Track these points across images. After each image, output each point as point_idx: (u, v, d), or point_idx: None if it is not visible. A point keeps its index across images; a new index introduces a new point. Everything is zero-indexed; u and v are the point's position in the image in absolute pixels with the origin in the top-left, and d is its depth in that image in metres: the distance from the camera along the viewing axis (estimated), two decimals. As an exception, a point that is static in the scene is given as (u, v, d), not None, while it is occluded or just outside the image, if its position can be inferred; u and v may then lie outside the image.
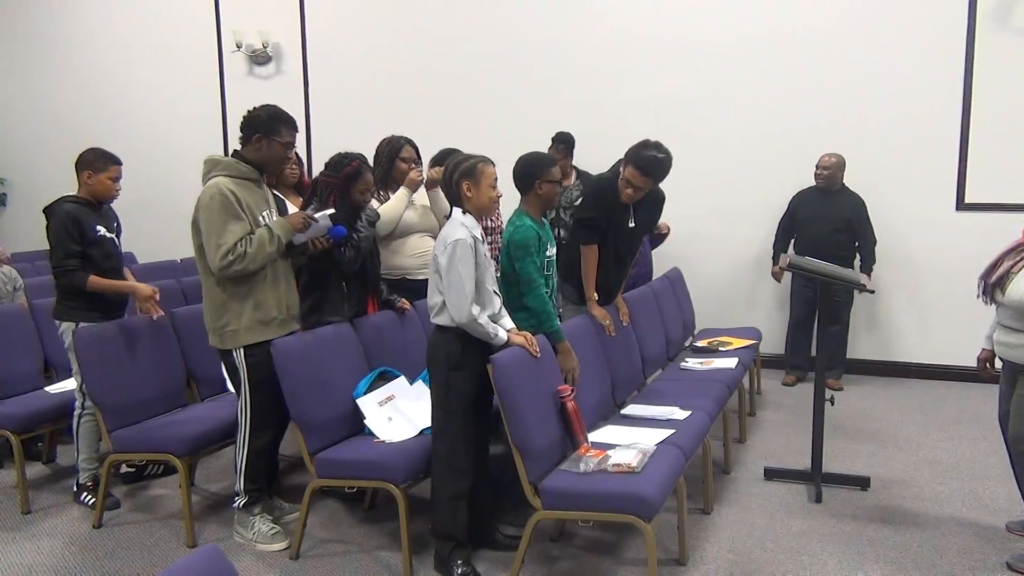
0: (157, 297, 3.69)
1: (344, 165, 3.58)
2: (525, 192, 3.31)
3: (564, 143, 5.74)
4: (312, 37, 7.24)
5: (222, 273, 3.09)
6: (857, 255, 5.58)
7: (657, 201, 3.97)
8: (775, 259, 5.82)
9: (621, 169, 3.69)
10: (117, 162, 3.76)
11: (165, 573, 1.40)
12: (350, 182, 3.57)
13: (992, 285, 3.11)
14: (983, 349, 3.35)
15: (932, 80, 5.63)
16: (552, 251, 3.37)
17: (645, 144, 3.65)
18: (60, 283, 3.63)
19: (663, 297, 4.94)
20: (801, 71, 5.91)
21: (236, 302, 3.17)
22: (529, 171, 3.28)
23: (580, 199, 3.83)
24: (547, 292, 3.31)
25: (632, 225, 3.83)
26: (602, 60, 6.38)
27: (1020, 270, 3.02)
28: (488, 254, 3.03)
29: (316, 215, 3.34)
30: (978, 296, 3.21)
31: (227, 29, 7.41)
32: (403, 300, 3.90)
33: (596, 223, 3.75)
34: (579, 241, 3.77)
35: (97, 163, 3.70)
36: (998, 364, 3.28)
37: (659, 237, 5.35)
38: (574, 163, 5.83)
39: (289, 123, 3.24)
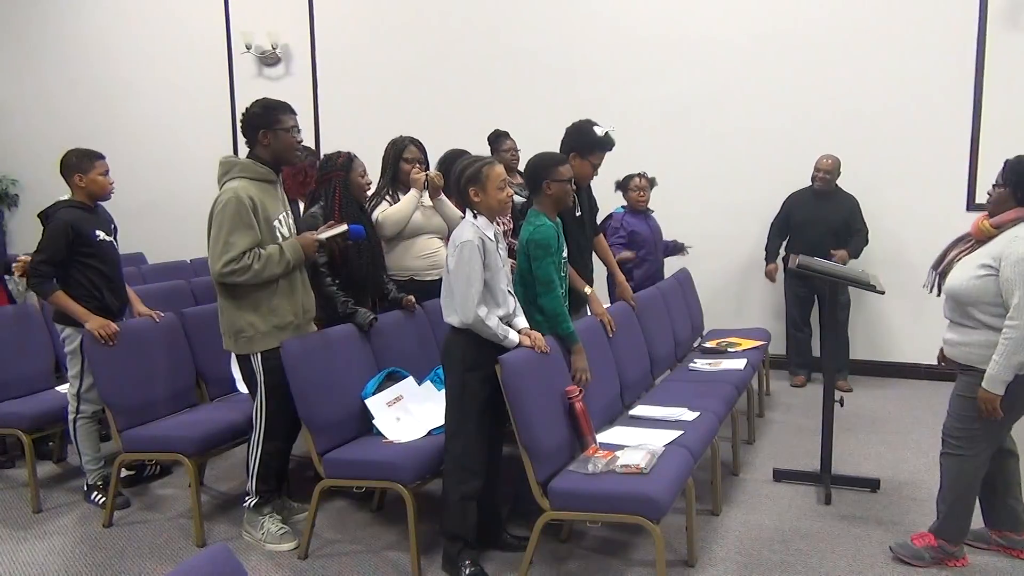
0: (107, 332, 3.50)
1: (336, 158, 3.69)
2: (535, 193, 3.31)
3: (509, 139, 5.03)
4: (321, 38, 7.26)
5: (220, 279, 3.09)
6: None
7: (589, 190, 4.02)
8: (768, 259, 5.80)
9: (579, 163, 3.67)
10: (100, 156, 3.74)
11: (175, 572, 1.40)
12: (348, 169, 3.67)
13: (939, 275, 3.09)
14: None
15: (943, 80, 5.60)
16: (564, 252, 3.37)
17: (581, 129, 3.72)
18: (30, 283, 3.64)
19: (671, 298, 4.93)
20: (811, 71, 5.89)
21: (251, 308, 3.16)
22: (536, 172, 3.28)
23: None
24: (562, 293, 3.31)
25: (579, 214, 3.88)
26: (609, 61, 6.37)
27: (961, 259, 2.99)
28: (504, 255, 3.03)
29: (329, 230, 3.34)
30: (924, 285, 3.17)
31: (236, 31, 7.44)
32: (410, 297, 3.90)
33: None
34: None
35: (83, 163, 3.67)
36: None
37: (676, 249, 5.35)
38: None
39: (285, 108, 3.22)
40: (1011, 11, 5.44)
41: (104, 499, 3.67)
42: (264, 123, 3.17)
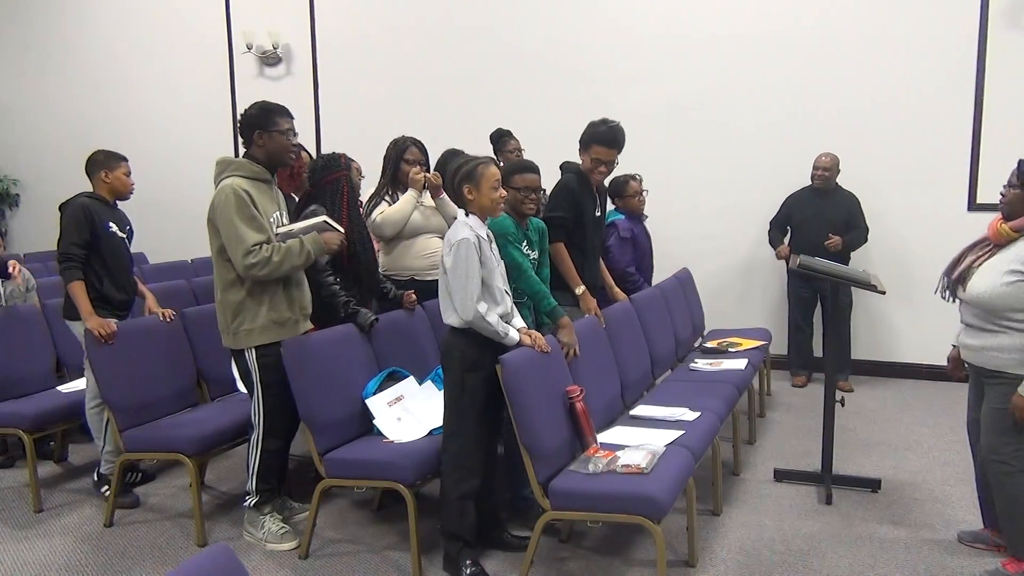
0: (106, 331, 3.51)
1: (337, 158, 3.72)
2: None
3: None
4: (322, 38, 7.26)
5: (246, 273, 3.11)
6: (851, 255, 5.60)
7: (604, 191, 4.14)
8: (774, 245, 5.73)
9: (582, 157, 3.82)
10: (125, 159, 3.94)
11: (175, 572, 1.40)
12: (349, 168, 3.73)
13: (954, 281, 2.99)
14: (952, 347, 3.18)
15: (944, 79, 5.60)
16: (532, 254, 3.39)
17: (593, 124, 3.80)
18: (61, 267, 3.68)
19: (672, 297, 4.93)
20: (812, 71, 5.89)
21: (251, 302, 3.17)
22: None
23: (550, 199, 3.91)
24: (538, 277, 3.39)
25: (598, 214, 3.96)
26: (610, 61, 6.37)
27: (981, 265, 2.90)
28: (497, 254, 3.04)
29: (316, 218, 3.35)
30: (936, 291, 3.08)
31: (237, 31, 7.45)
32: (410, 293, 3.91)
33: (564, 222, 3.77)
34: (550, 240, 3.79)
35: (110, 161, 3.85)
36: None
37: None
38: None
39: (282, 111, 3.25)
40: (1012, 10, 5.43)
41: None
42: (260, 125, 3.20)
